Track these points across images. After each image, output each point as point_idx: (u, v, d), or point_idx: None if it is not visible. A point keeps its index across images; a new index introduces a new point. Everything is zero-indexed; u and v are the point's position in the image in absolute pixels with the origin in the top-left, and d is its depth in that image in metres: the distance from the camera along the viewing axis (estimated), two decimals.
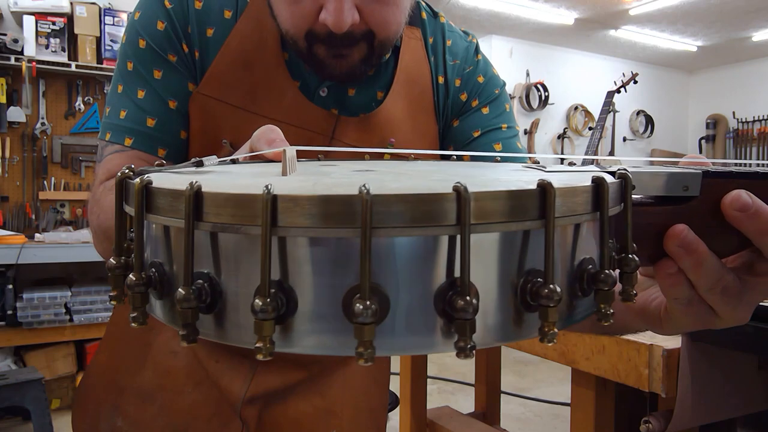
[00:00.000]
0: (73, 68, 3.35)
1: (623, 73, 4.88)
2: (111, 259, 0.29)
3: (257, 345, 0.24)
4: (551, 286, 0.25)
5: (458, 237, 0.23)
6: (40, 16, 3.27)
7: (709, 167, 0.38)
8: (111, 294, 0.30)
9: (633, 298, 0.31)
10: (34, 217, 3.41)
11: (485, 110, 0.84)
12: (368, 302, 0.23)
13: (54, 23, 3.30)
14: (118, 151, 0.74)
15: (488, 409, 2.21)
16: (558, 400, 3.38)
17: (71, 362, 3.15)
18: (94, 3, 3.44)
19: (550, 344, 0.26)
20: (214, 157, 0.42)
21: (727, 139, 6.83)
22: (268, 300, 0.23)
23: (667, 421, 1.10)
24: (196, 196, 0.25)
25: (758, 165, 0.43)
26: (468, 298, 0.23)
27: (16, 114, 3.34)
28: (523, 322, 0.27)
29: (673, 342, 1.12)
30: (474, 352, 0.24)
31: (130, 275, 0.27)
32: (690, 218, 0.36)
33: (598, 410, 1.29)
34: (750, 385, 1.18)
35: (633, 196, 0.33)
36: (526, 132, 6.03)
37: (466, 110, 0.83)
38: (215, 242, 0.26)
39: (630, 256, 0.31)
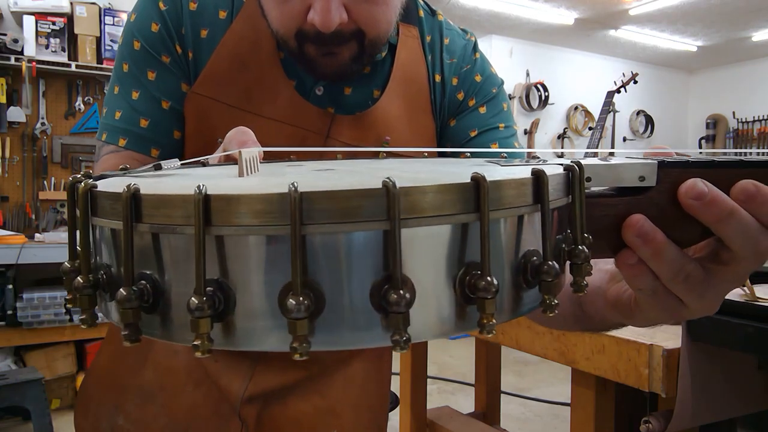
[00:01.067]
0: (73, 68, 3.35)
1: (623, 73, 4.89)
2: (65, 263, 0.30)
3: (194, 343, 0.24)
4: (488, 278, 0.25)
5: (391, 231, 0.24)
6: (40, 16, 3.27)
7: (669, 158, 0.38)
8: (66, 297, 0.30)
9: (584, 289, 0.32)
10: (34, 217, 3.42)
11: (482, 110, 0.84)
12: (301, 298, 0.23)
13: (54, 23, 3.30)
14: (113, 151, 0.75)
15: (488, 409, 2.21)
16: (558, 400, 3.37)
17: (71, 362, 3.15)
18: (94, 3, 3.44)
19: (489, 335, 0.26)
20: (176, 160, 0.43)
21: (727, 139, 6.84)
22: (204, 298, 0.24)
23: (667, 421, 1.10)
24: (133, 198, 0.25)
25: (759, 155, 0.42)
26: (401, 292, 0.24)
27: (16, 114, 3.34)
28: (465, 315, 0.27)
29: (673, 342, 1.12)
30: (409, 345, 0.24)
31: (78, 278, 0.27)
32: (648, 208, 0.36)
33: (598, 410, 1.29)
34: (750, 385, 1.18)
35: (593, 188, 0.34)
36: (526, 132, 6.03)
37: (463, 109, 0.83)
38: (156, 243, 0.26)
39: (579, 247, 0.31)
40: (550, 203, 0.29)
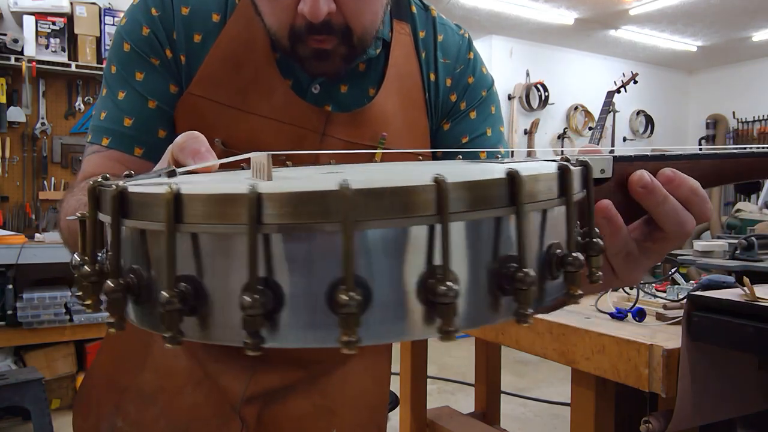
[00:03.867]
0: (73, 68, 3.35)
1: (623, 73, 4.88)
2: (85, 267, 0.30)
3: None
4: (525, 269, 0.26)
5: (437, 226, 0.25)
6: (40, 16, 3.27)
7: (618, 153, 0.46)
8: (86, 303, 0.30)
9: (600, 280, 0.33)
10: (34, 217, 3.42)
11: (473, 114, 0.84)
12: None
13: (54, 23, 3.30)
14: (96, 151, 0.76)
15: (488, 409, 2.21)
16: (558, 400, 3.37)
17: (71, 362, 3.15)
18: (94, 3, 3.44)
19: (525, 324, 0.26)
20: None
21: (727, 139, 6.83)
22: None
23: (667, 421, 1.10)
24: (176, 200, 0.25)
25: (756, 148, 0.50)
26: (449, 283, 0.24)
27: (16, 114, 3.34)
28: (500, 306, 0.28)
29: (673, 342, 1.12)
30: (456, 336, 0.25)
31: (108, 281, 0.27)
32: (606, 195, 0.43)
33: (598, 410, 1.29)
34: (750, 385, 1.18)
35: None
36: (526, 132, 6.03)
37: (455, 112, 0.84)
38: (196, 244, 0.26)
39: (595, 240, 0.33)
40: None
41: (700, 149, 0.50)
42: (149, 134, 0.75)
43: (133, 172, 0.40)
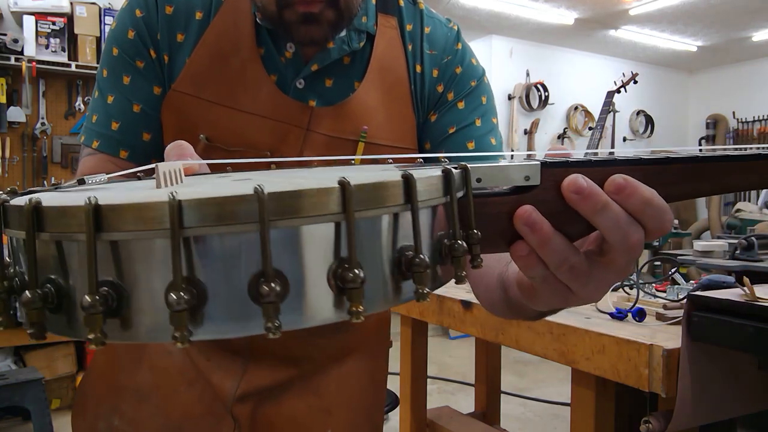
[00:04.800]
0: (73, 68, 3.35)
1: (623, 73, 4.88)
2: None
3: (89, 337, 0.27)
4: (355, 270, 0.29)
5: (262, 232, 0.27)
6: (40, 16, 3.27)
7: (553, 158, 0.42)
8: None
9: (463, 280, 0.35)
10: None
11: (461, 105, 0.83)
12: (182, 293, 0.26)
13: (54, 23, 3.30)
14: (89, 154, 0.79)
15: (488, 409, 2.21)
16: (558, 400, 3.38)
17: (71, 362, 3.16)
18: (94, 3, 3.44)
19: (358, 321, 0.29)
20: (103, 175, 0.46)
21: (727, 139, 6.84)
22: (97, 297, 0.27)
23: (667, 421, 1.10)
24: (35, 210, 0.28)
25: (758, 149, 0.45)
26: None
27: (16, 114, 3.34)
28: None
29: (673, 342, 1.12)
30: (280, 331, 0.27)
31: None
32: (536, 204, 0.40)
33: (598, 410, 1.29)
34: (750, 385, 1.18)
35: (493, 189, 0.40)
36: (526, 132, 6.03)
37: (442, 103, 0.83)
38: (60, 250, 0.29)
39: (458, 242, 0.35)
40: (425, 202, 0.33)
41: (700, 150, 0.45)
42: (134, 137, 0.78)
43: (62, 182, 0.42)
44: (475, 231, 0.37)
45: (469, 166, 0.38)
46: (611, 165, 0.41)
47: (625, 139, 6.70)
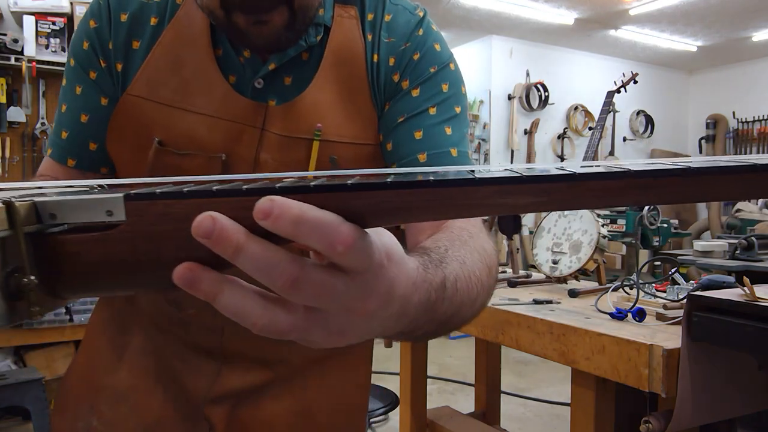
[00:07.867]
0: None
1: (623, 73, 4.88)
2: None
3: None
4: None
5: None
6: (40, 16, 3.27)
7: (166, 188, 0.35)
8: None
9: (36, 316, 0.34)
10: None
11: (415, 92, 0.76)
12: None
13: (54, 23, 3.30)
14: (46, 159, 0.82)
15: (488, 409, 2.21)
16: (558, 400, 3.38)
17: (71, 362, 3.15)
18: None
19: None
20: None
21: (727, 139, 6.83)
22: None
23: (667, 421, 1.10)
24: None
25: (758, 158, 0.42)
26: None
27: (16, 114, 3.34)
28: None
29: (673, 342, 1.12)
30: None
31: None
32: (124, 243, 0.34)
33: (598, 410, 1.29)
34: (750, 385, 1.18)
35: (69, 224, 0.35)
36: (526, 132, 6.03)
37: (397, 92, 0.77)
38: None
39: (27, 279, 0.33)
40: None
41: (702, 153, 0.41)
42: (80, 147, 0.79)
43: None
44: (32, 277, 0.33)
45: (38, 200, 0.34)
46: (238, 195, 0.33)
47: (625, 139, 6.69)
